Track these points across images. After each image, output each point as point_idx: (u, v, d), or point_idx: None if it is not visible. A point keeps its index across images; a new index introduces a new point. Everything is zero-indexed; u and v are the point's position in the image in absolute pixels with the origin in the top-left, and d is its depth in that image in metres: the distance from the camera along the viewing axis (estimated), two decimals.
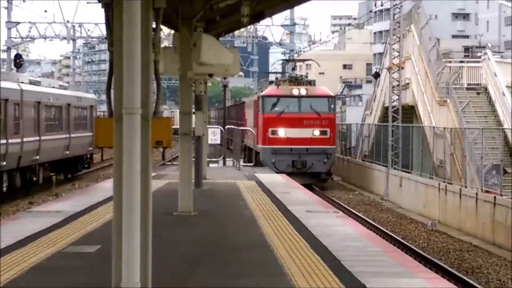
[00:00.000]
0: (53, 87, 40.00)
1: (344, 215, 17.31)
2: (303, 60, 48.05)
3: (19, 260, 11.07)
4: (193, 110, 19.90)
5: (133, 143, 7.40)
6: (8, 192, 31.07)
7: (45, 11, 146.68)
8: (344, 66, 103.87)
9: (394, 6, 38.93)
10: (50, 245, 12.41)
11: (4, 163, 29.73)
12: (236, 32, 63.83)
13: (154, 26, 8.47)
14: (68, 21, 64.32)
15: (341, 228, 14.83)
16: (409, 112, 39.68)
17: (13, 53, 59.47)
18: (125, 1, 7.37)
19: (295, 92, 38.48)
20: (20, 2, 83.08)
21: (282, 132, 38.04)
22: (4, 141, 29.59)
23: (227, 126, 43.19)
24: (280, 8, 20.22)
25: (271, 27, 67.36)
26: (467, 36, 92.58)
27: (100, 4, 8.38)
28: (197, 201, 17.41)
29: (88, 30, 65.17)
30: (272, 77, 46.67)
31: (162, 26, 10.02)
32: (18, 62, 48.32)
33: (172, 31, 20.38)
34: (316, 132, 37.99)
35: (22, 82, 33.53)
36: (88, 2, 59.12)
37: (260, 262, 11.41)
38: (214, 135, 34.18)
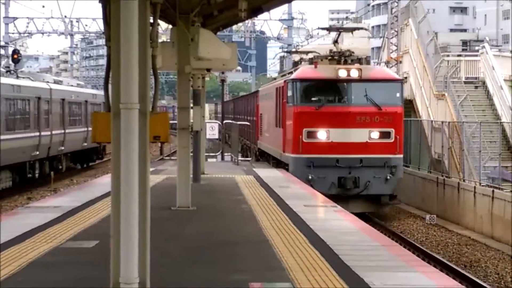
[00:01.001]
0: (72, 85, 45.32)
1: (342, 209, 17.29)
2: (352, 29, 34.91)
3: (17, 256, 11.06)
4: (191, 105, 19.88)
5: (131, 138, 7.40)
6: (39, 177, 35.58)
7: (43, 6, 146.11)
8: None
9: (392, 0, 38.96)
10: (48, 241, 12.41)
11: (38, 153, 34.30)
12: (234, 27, 63.95)
13: (151, 21, 8.46)
14: (65, 16, 64.41)
15: (339, 223, 14.83)
16: (407, 106, 39.53)
17: (10, 48, 59.41)
18: None
19: (342, 74, 26.43)
20: None
21: (323, 135, 26.44)
22: (37, 133, 34.27)
23: (225, 121, 43.23)
24: (277, 2, 20.16)
25: (269, 22, 67.60)
26: (465, 30, 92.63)
27: None
28: (195, 196, 17.43)
29: (86, 25, 65.39)
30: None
31: (159, 21, 10.00)
32: (16, 58, 48.42)
33: (170, 26, 20.38)
34: (375, 134, 26.45)
35: (48, 82, 38.63)
36: None
37: (258, 256, 11.41)
38: (212, 130, 33.97)
